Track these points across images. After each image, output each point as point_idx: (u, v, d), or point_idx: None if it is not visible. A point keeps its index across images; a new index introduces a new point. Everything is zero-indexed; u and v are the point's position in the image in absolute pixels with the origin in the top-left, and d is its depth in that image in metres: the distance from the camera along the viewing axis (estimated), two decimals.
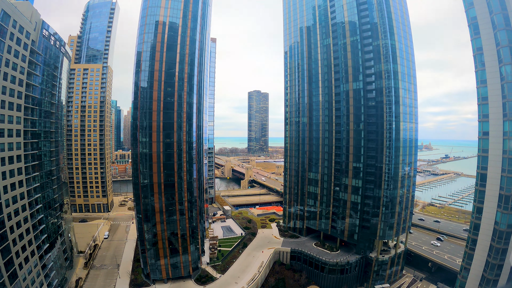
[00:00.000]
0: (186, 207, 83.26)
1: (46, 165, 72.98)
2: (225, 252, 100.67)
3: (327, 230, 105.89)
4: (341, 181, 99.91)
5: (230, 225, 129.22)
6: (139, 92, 77.59)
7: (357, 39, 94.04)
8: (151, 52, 77.63)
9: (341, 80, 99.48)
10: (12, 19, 54.65)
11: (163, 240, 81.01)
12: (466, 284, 64.82)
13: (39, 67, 67.80)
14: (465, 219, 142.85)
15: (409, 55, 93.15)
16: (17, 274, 55.08)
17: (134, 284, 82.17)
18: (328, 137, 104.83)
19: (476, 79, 62.19)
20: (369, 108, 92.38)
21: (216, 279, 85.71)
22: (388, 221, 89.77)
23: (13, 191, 56.53)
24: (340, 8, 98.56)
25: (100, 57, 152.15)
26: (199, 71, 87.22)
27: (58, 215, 78.97)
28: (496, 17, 56.93)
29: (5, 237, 52.87)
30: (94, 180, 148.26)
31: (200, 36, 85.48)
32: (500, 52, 56.67)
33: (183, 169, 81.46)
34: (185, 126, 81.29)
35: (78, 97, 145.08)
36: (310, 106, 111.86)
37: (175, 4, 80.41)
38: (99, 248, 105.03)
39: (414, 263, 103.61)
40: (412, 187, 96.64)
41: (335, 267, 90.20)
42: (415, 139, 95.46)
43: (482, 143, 61.60)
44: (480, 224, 61.39)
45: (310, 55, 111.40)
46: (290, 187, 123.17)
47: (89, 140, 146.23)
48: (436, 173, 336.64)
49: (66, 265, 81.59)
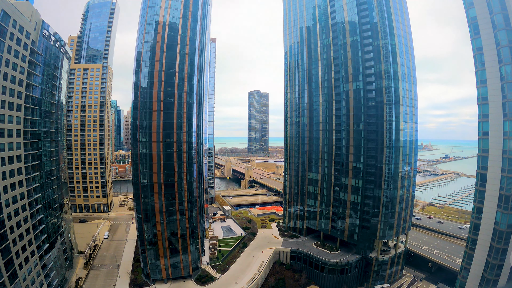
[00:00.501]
0: (186, 207, 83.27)
1: (46, 165, 72.96)
2: (225, 252, 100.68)
3: (327, 230, 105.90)
4: (341, 181, 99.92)
5: (230, 225, 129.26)
6: (139, 92, 77.63)
7: (357, 39, 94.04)
8: (151, 52, 77.64)
9: (341, 80, 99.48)
10: (12, 19, 54.64)
11: (163, 240, 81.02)
12: (466, 284, 64.83)
13: (39, 67, 67.76)
14: (465, 219, 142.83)
15: (409, 55, 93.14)
16: (17, 274, 55.06)
17: (134, 284, 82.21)
18: (328, 137, 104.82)
19: (476, 79, 62.22)
20: (369, 108, 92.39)
21: (216, 279, 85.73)
22: (388, 221, 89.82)
23: (13, 191, 56.52)
24: (340, 8, 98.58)
25: (100, 57, 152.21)
26: (199, 71, 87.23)
27: (58, 215, 78.96)
28: (496, 17, 56.99)
29: (5, 237, 52.84)
30: (94, 180, 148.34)
31: (200, 36, 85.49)
32: (500, 52, 56.73)
33: (183, 169, 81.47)
34: (185, 126, 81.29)
35: (78, 97, 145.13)
36: (310, 106, 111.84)
37: (175, 4, 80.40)
38: (99, 248, 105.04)
39: (414, 263, 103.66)
40: (412, 187, 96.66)
41: (335, 267, 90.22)
42: (415, 139, 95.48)
43: (482, 143, 61.65)
44: (480, 224, 61.42)
45: (310, 55, 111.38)
46: (290, 187, 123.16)
47: (89, 140, 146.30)
48: (436, 173, 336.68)
49: (66, 265, 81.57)
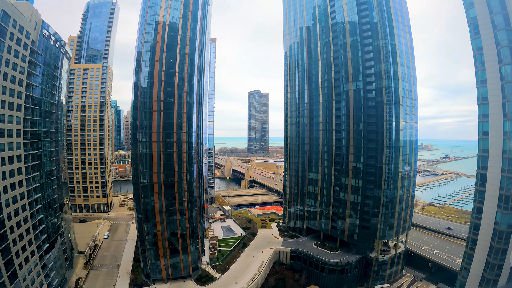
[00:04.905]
0: (186, 207, 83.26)
1: (46, 165, 72.93)
2: (225, 252, 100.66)
3: (327, 230, 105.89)
4: (341, 181, 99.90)
5: (230, 225, 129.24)
6: (139, 92, 77.59)
7: (357, 39, 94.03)
8: (151, 52, 77.57)
9: (341, 80, 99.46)
10: (12, 19, 54.61)
11: (163, 240, 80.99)
12: (466, 284, 64.73)
13: (39, 67, 67.72)
14: (465, 219, 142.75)
15: (409, 55, 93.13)
16: (17, 274, 55.05)
17: (134, 284, 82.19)
18: (328, 137, 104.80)
19: (476, 79, 62.10)
20: (369, 108, 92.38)
21: (216, 279, 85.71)
22: (388, 221, 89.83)
23: (13, 191, 56.51)
24: (340, 8, 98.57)
25: (100, 57, 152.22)
26: (199, 71, 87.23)
27: (58, 215, 78.93)
28: (496, 17, 56.90)
29: (5, 237, 52.83)
30: (94, 180, 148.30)
31: (200, 36, 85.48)
32: (500, 52, 56.61)
33: (183, 169, 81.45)
34: (185, 126, 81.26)
35: (78, 97, 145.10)
36: (310, 106, 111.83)
37: (175, 4, 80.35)
38: (99, 248, 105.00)
39: (414, 263, 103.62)
40: (412, 187, 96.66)
41: (335, 267, 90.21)
42: (415, 139, 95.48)
43: (482, 143, 61.56)
44: (480, 224, 61.32)
45: (310, 55, 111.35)
46: (290, 187, 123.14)
47: (89, 140, 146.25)
48: (436, 173, 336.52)
49: (66, 265, 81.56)
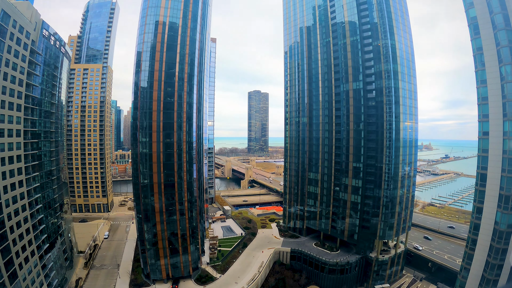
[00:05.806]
0: (186, 207, 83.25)
1: (46, 165, 72.94)
2: (225, 252, 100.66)
3: (327, 230, 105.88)
4: (341, 181, 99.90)
5: (230, 225, 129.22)
6: (139, 92, 77.58)
7: (357, 39, 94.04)
8: (151, 52, 77.59)
9: (341, 80, 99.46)
10: (12, 19, 54.64)
11: (163, 240, 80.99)
12: (466, 284, 64.75)
13: (39, 67, 67.76)
14: (465, 219, 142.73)
15: (409, 55, 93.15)
16: (17, 274, 55.07)
17: (134, 284, 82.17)
18: (328, 137, 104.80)
19: (476, 79, 62.15)
20: (369, 108, 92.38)
21: (216, 279, 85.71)
22: (388, 221, 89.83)
23: (13, 191, 56.52)
24: (340, 8, 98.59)
25: (100, 57, 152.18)
26: (199, 71, 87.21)
27: (58, 215, 78.94)
28: (496, 17, 56.93)
29: (5, 237, 52.86)
30: (94, 180, 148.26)
31: (200, 36, 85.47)
32: (500, 52, 56.65)
33: (183, 169, 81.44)
34: (185, 126, 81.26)
35: (78, 97, 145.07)
36: (310, 106, 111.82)
37: (175, 4, 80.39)
38: (99, 248, 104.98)
39: (414, 263, 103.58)
40: (412, 187, 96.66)
41: (335, 267, 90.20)
42: (415, 139, 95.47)
43: (482, 143, 61.59)
44: (480, 224, 61.35)
45: (310, 55, 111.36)
46: (290, 187, 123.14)
47: (89, 140, 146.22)
48: (436, 173, 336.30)
49: (66, 265, 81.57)
